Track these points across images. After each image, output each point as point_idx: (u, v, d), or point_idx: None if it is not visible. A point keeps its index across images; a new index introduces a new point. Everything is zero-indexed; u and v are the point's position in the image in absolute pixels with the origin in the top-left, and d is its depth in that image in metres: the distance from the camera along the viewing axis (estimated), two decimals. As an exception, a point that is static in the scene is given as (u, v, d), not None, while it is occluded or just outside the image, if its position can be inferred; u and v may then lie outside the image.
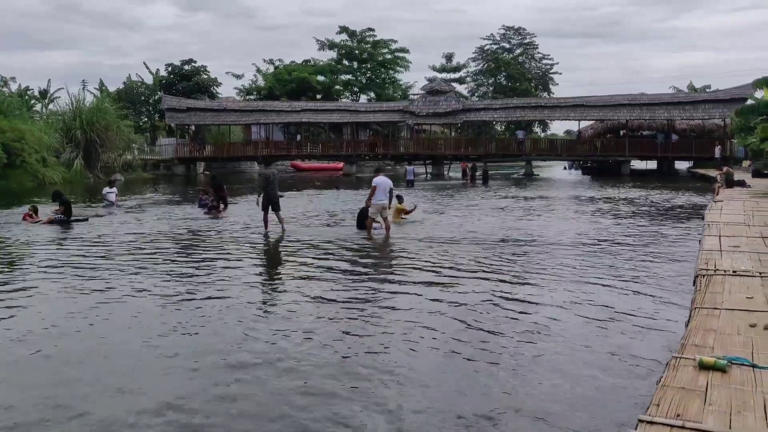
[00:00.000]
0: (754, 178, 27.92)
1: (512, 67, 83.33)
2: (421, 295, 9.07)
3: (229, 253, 12.73)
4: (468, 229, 16.14)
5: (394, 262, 11.81)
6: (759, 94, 35.60)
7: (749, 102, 36.09)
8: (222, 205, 20.54)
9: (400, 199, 18.25)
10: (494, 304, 8.43)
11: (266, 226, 15.90)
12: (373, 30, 74.80)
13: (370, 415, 5.04)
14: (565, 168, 62.20)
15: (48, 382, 5.77)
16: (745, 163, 37.82)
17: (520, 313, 8.05)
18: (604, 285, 9.56)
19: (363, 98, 74.77)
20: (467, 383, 5.76)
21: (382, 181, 15.27)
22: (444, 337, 7.10)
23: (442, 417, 4.99)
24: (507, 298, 8.80)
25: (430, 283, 9.83)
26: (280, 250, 13.45)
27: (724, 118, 43.35)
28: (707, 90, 59.37)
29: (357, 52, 73.93)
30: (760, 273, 7.61)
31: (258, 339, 6.99)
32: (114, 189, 23.15)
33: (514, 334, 7.18)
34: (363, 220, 15.71)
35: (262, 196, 15.87)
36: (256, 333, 7.21)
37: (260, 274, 11.05)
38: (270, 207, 15.89)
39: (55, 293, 9.22)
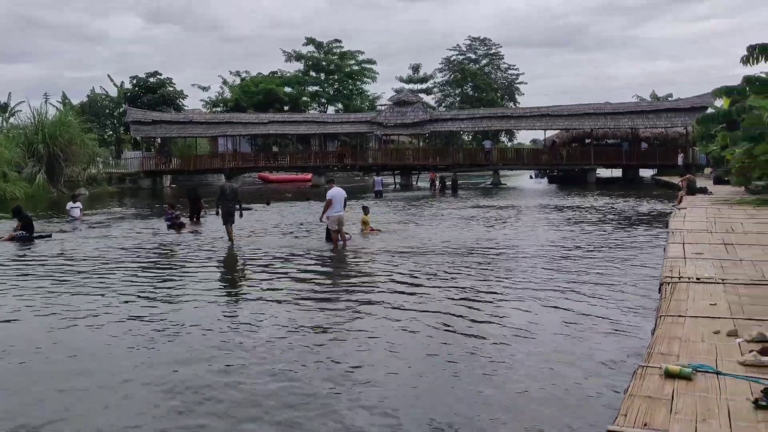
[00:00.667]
0: (715, 185, 28.46)
1: (478, 77, 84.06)
2: (390, 304, 9.08)
3: (194, 268, 12.57)
4: (437, 239, 16.19)
5: (363, 272, 11.78)
6: (718, 102, 36.38)
7: (709, 110, 36.87)
8: (195, 218, 20.52)
9: (366, 210, 18.27)
10: (460, 314, 8.45)
11: (230, 238, 16.05)
12: (339, 41, 75.06)
13: (348, 416, 5.01)
14: (531, 177, 62.80)
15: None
16: (707, 171, 38.56)
17: (488, 322, 8.08)
18: (571, 292, 9.64)
19: (331, 109, 74.80)
20: (438, 386, 5.80)
21: (337, 192, 15.45)
22: (413, 344, 7.11)
23: (414, 419, 4.98)
24: (475, 308, 8.82)
25: (399, 293, 9.84)
26: (249, 263, 13.33)
27: (686, 126, 44.19)
28: (669, 99, 60.46)
29: (324, 63, 73.99)
30: (723, 280, 7.74)
31: (227, 350, 6.91)
32: (78, 204, 22.75)
33: (482, 342, 7.20)
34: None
35: (221, 209, 16.02)
36: (223, 345, 7.14)
37: (226, 287, 10.94)
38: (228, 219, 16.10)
39: (15, 312, 9.00)
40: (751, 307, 6.41)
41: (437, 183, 41.32)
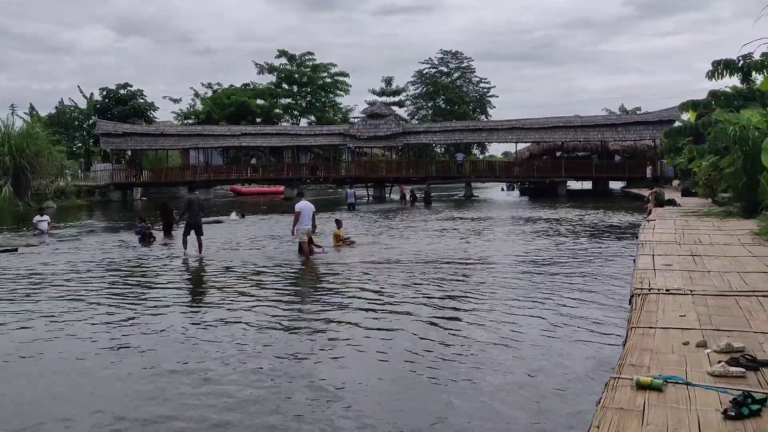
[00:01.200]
0: (683, 197, 28.84)
1: (450, 90, 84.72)
2: (363, 314, 9.10)
3: (163, 282, 12.43)
4: (411, 251, 16.25)
5: (334, 284, 11.74)
6: (685, 116, 37.16)
7: (677, 124, 37.52)
8: (167, 231, 20.49)
9: (338, 223, 18.26)
10: (433, 324, 8.46)
11: (185, 247, 16.42)
12: (312, 54, 75.20)
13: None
14: (503, 189, 63.28)
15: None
16: (675, 183, 39.16)
17: (459, 334, 8.10)
18: (543, 303, 9.71)
19: (303, 122, 74.72)
20: (408, 398, 5.81)
21: (305, 206, 15.60)
22: (386, 356, 7.11)
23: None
24: (448, 318, 8.86)
25: (372, 304, 9.85)
26: (220, 276, 13.21)
27: (654, 139, 44.95)
28: (638, 112, 61.61)
29: (296, 75, 73.97)
30: (692, 291, 7.84)
31: (196, 364, 6.84)
32: (45, 217, 22.38)
33: (453, 354, 7.21)
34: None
35: (186, 220, 16.48)
36: (190, 359, 7.07)
37: (196, 301, 10.82)
38: (193, 230, 16.47)
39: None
40: (719, 318, 6.51)
41: (408, 196, 41.46)
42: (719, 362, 4.93)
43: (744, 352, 5.14)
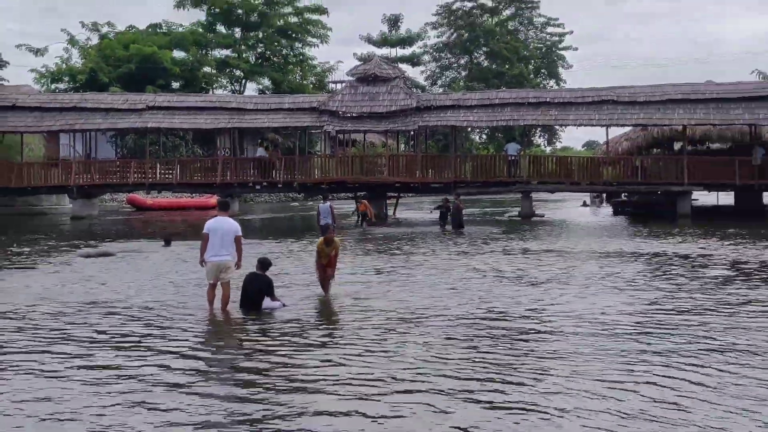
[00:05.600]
0: None
1: (498, 38, 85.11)
2: (349, 402, 9.17)
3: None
4: (427, 305, 16.51)
5: (303, 361, 11.69)
6: None
7: None
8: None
9: (325, 230, 18.33)
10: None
11: None
12: (268, -25, 75.55)
13: None
14: (585, 203, 63.24)
15: None
16: None
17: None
18: (658, 401, 9.64)
19: (251, 88, 75.04)
20: None
21: (218, 225, 15.93)
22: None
23: None
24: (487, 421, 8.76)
25: (363, 393, 9.92)
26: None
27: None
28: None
29: (241, 11, 74.34)
30: None
31: None
32: None
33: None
34: (252, 297, 15.90)
35: None
36: None
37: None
38: None
39: None
40: None
41: (370, 214, 41.68)
42: None
43: None
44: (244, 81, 75.78)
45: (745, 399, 9.79)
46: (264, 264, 16.70)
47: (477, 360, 11.95)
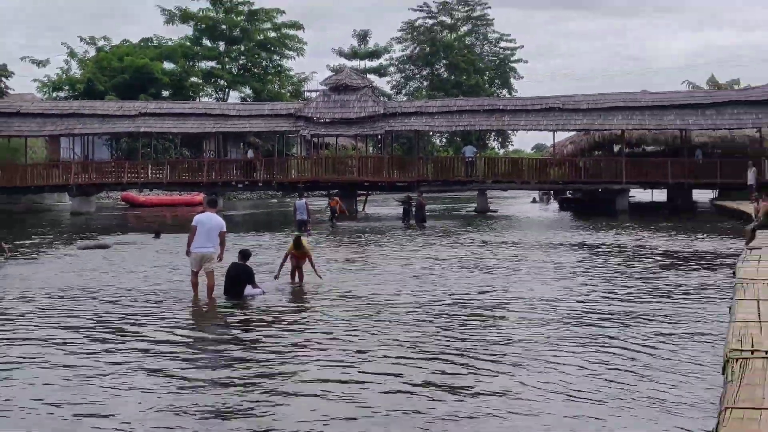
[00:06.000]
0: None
1: (456, 51, 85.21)
2: (327, 382, 9.19)
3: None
4: (394, 292, 16.50)
5: (280, 341, 11.74)
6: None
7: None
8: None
9: (297, 243, 18.28)
10: (428, 398, 8.47)
11: None
12: (249, -6, 75.26)
13: None
14: (535, 200, 63.51)
15: None
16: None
17: (465, 410, 8.13)
18: (595, 373, 9.76)
19: (234, 96, 74.76)
20: None
21: (205, 219, 15.86)
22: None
23: None
24: (452, 387, 8.88)
25: (339, 366, 9.99)
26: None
27: (759, 127, 45.31)
28: (735, 87, 62.02)
29: (224, 27, 74.04)
30: (818, 354, 7.85)
31: None
32: None
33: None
34: (235, 285, 15.88)
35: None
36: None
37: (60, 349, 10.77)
38: None
39: None
40: None
41: (338, 211, 41.61)
42: None
43: None
44: (227, 90, 75.58)
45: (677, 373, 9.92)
46: (245, 255, 16.76)
47: (436, 335, 12.08)
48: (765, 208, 24.30)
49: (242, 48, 75.24)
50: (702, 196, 51.00)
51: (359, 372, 10.03)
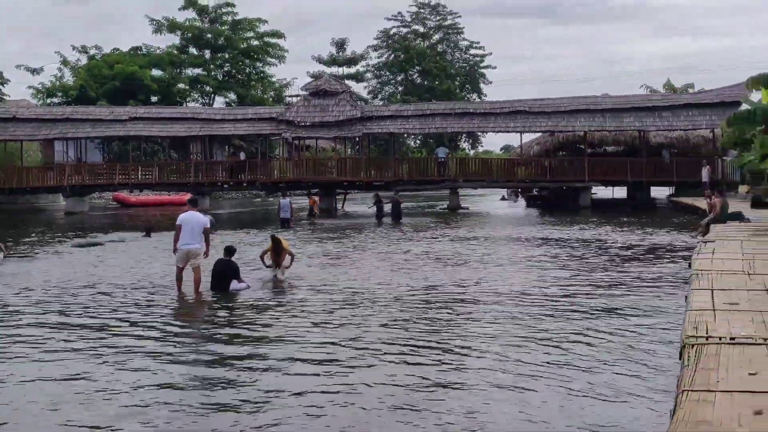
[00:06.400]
0: (753, 209, 28.98)
1: (428, 58, 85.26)
2: (311, 375, 9.16)
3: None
4: (373, 283, 16.59)
5: (265, 332, 11.76)
6: (756, 96, 37.51)
7: (744, 107, 37.98)
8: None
9: (276, 236, 18.25)
10: (405, 387, 8.47)
11: None
12: (232, 5, 75.00)
13: None
14: (503, 198, 63.68)
15: None
16: (743, 189, 39.63)
17: (436, 398, 8.15)
18: (558, 361, 9.79)
19: (219, 101, 74.49)
20: None
21: (189, 218, 15.81)
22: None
23: None
24: (430, 378, 8.90)
25: (323, 361, 9.92)
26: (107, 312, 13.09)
27: (713, 128, 45.62)
28: (690, 90, 62.46)
29: (210, 36, 73.79)
30: (766, 340, 7.91)
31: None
32: None
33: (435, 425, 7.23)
34: (221, 280, 15.89)
35: None
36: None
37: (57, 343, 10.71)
38: None
39: None
40: (804, 378, 6.56)
41: (316, 210, 41.82)
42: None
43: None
44: (213, 95, 75.38)
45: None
46: (230, 251, 16.73)
47: (415, 321, 12.12)
48: (722, 203, 24.41)
49: (227, 56, 75.04)
50: (660, 193, 51.35)
51: (345, 366, 9.99)
